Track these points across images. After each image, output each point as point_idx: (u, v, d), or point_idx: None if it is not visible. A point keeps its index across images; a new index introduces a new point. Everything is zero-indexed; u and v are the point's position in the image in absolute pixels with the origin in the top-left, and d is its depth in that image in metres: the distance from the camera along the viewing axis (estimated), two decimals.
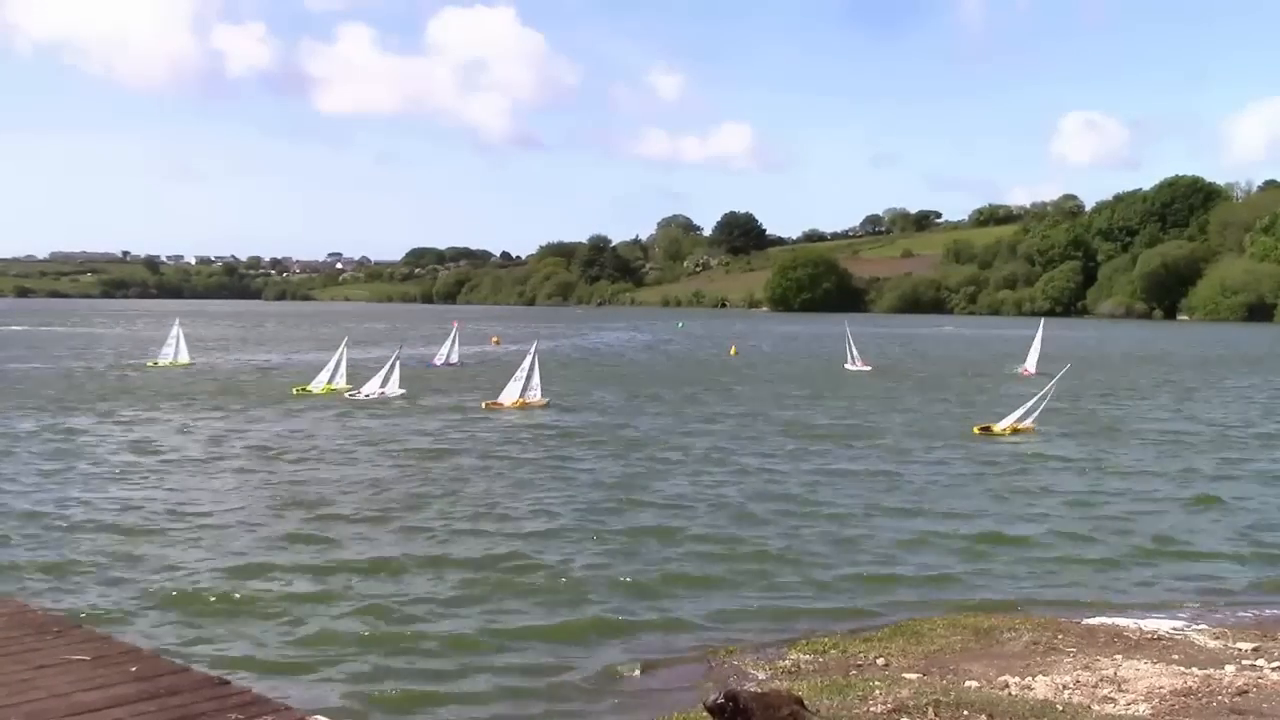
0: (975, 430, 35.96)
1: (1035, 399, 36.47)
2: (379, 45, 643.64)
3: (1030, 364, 62.50)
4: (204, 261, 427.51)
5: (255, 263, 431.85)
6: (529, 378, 41.91)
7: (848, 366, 66.22)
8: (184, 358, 61.89)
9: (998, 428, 35.99)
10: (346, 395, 44.72)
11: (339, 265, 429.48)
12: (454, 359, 63.97)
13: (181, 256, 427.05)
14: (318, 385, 46.76)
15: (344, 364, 47.87)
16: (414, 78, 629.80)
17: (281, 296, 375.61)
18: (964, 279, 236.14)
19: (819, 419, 39.79)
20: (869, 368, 64.88)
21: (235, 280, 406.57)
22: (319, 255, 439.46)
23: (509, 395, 41.61)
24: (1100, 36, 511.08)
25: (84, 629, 9.20)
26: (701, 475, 27.14)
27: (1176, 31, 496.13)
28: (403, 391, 45.07)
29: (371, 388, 44.90)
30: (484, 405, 41.38)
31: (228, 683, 7.67)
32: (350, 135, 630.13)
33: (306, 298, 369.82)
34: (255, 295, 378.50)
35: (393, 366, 46.10)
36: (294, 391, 46.40)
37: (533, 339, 49.35)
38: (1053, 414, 38.06)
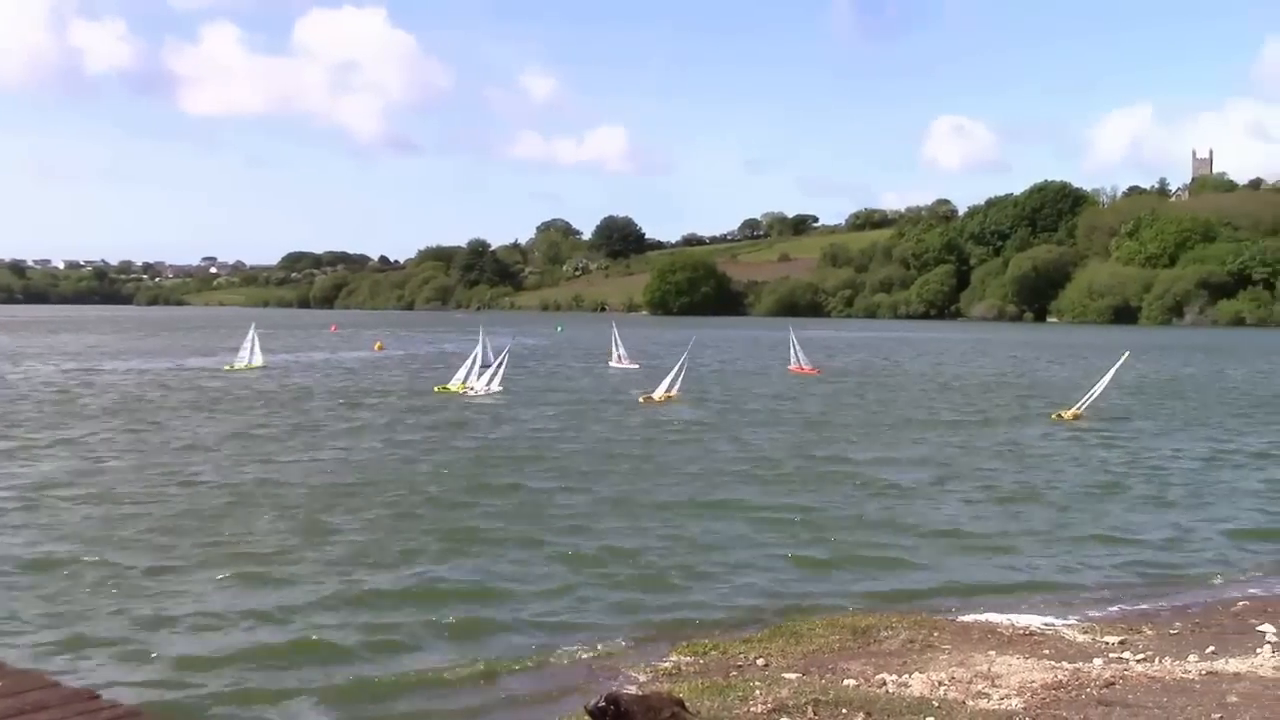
0: (1053, 417, 40.54)
1: (1094, 388, 40.97)
2: (245, 45, 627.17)
3: (801, 362, 67.45)
4: (73, 266, 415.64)
5: (126, 267, 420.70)
6: (676, 378, 46.96)
7: (612, 364, 69.68)
8: (258, 360, 65.37)
9: (1068, 414, 40.52)
10: (457, 392, 49.02)
11: (213, 270, 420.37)
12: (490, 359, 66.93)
13: (49, 261, 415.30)
14: (454, 384, 51.09)
15: (479, 363, 51.94)
16: (283, 78, 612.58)
17: (154, 302, 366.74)
18: (841, 282, 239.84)
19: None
20: (636, 366, 67.09)
21: (106, 285, 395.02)
22: (193, 259, 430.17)
23: (659, 391, 46.71)
24: (967, 43, 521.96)
25: None
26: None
27: (1042, 41, 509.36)
28: (501, 389, 49.27)
29: (481, 385, 49.45)
30: (641, 399, 46.23)
31: (98, 696, 7.49)
32: (219, 137, 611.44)
33: (180, 303, 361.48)
34: (126, 300, 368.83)
35: (499, 367, 51.20)
36: (435, 390, 50.78)
37: (420, 342, 51.86)
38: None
